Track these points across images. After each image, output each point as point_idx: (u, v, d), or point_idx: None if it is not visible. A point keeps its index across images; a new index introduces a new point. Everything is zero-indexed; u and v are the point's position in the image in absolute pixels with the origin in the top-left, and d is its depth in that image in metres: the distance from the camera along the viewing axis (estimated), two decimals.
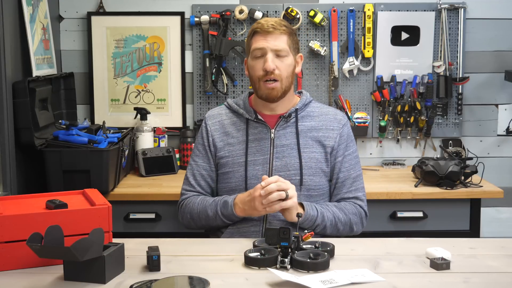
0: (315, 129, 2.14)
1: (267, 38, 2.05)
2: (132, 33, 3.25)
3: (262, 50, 2.05)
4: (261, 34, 2.06)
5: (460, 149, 3.26)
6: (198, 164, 2.19)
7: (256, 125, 2.14)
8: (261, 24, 2.07)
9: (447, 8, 3.21)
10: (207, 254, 1.83)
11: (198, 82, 3.28)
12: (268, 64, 2.03)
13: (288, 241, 1.68)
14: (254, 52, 2.07)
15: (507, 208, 3.36)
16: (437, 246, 1.79)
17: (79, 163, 2.64)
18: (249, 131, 2.14)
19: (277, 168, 2.10)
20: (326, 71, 3.27)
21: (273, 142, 2.11)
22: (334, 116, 2.18)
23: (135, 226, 2.80)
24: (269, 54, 2.04)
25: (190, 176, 2.20)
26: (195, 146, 2.24)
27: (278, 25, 2.06)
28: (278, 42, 2.05)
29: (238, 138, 2.15)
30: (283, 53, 2.06)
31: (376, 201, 2.74)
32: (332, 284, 1.56)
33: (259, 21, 2.11)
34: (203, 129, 2.21)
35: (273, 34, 2.05)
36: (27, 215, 1.69)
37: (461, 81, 3.22)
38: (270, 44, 2.04)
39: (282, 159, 2.10)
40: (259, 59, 2.07)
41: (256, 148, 2.12)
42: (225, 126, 2.18)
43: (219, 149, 2.16)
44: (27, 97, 2.55)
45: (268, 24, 2.06)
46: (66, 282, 1.59)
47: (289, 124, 2.13)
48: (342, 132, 2.16)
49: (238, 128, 2.16)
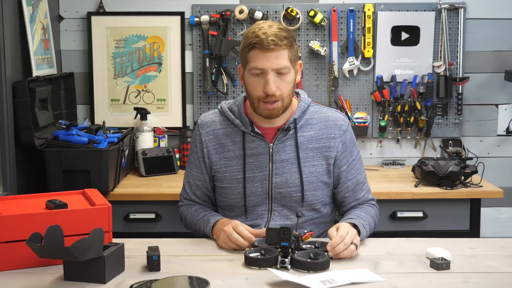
0: (316, 139, 2.02)
1: (267, 56, 1.87)
2: (132, 33, 3.25)
3: (263, 70, 1.88)
4: (260, 50, 1.87)
5: (460, 149, 3.26)
6: (192, 174, 2.10)
7: (253, 139, 2.01)
8: (260, 39, 1.86)
9: (447, 8, 3.21)
10: (207, 254, 1.83)
11: (198, 82, 3.28)
12: (270, 87, 1.87)
13: (288, 241, 1.68)
14: (253, 71, 1.90)
15: (507, 208, 3.36)
16: (437, 246, 1.79)
17: (79, 163, 2.63)
18: (246, 145, 2.01)
19: (277, 185, 2.01)
20: (326, 71, 3.27)
21: (272, 157, 2.00)
22: (335, 122, 2.04)
23: (135, 226, 2.80)
24: (270, 75, 1.88)
25: (186, 184, 2.14)
26: (190, 152, 2.13)
27: (278, 40, 1.86)
28: (280, 60, 1.88)
29: (234, 151, 2.03)
30: (285, 70, 1.89)
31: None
32: (332, 284, 1.56)
33: (256, 32, 1.89)
34: (197, 138, 2.08)
35: (274, 52, 1.87)
36: (27, 215, 1.69)
37: (461, 81, 3.22)
38: (272, 63, 1.87)
39: (282, 175, 2.00)
40: (258, 77, 1.90)
41: (254, 164, 2.01)
42: (219, 137, 2.05)
43: (215, 162, 2.05)
44: (27, 97, 2.55)
45: (268, 39, 1.85)
46: (66, 282, 1.59)
47: (288, 136, 2.01)
48: (344, 139, 2.04)
49: (234, 141, 2.03)
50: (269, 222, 2.04)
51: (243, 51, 1.94)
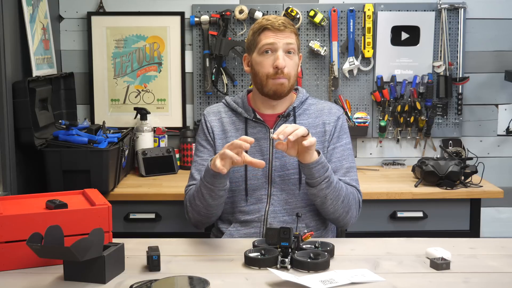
0: (313, 126, 2.13)
1: (277, 35, 2.04)
2: (132, 33, 3.25)
3: (273, 45, 2.04)
4: (271, 30, 2.05)
5: (460, 149, 3.26)
6: (203, 159, 2.15)
7: (255, 125, 2.14)
8: (271, 21, 2.05)
9: (447, 8, 3.21)
10: (207, 254, 1.83)
11: (198, 82, 3.28)
12: (280, 61, 2.02)
13: (288, 241, 1.68)
14: (264, 47, 2.05)
15: (507, 208, 3.36)
16: (437, 246, 1.79)
17: (79, 163, 2.64)
18: (248, 130, 2.13)
19: (276, 168, 2.10)
20: (326, 71, 3.27)
21: (273, 142, 2.11)
22: (329, 110, 2.17)
23: (135, 226, 2.80)
24: (280, 51, 2.04)
25: (194, 172, 2.14)
26: (197, 143, 2.21)
27: (287, 23, 2.06)
28: (289, 39, 2.05)
29: (237, 137, 2.08)
30: (293, 49, 2.06)
31: (376, 201, 2.74)
32: (332, 284, 1.56)
33: (266, 17, 2.09)
34: (203, 124, 2.19)
35: (284, 32, 2.05)
36: (27, 215, 1.69)
37: (461, 81, 3.22)
38: (282, 40, 2.04)
39: (281, 159, 2.10)
40: (267, 55, 2.05)
41: (256, 148, 2.12)
42: (224, 124, 2.17)
43: (217, 147, 2.15)
44: (27, 97, 2.55)
45: (278, 22, 2.05)
46: (66, 282, 1.59)
47: (287, 123, 2.12)
48: (336, 124, 2.15)
49: (237, 128, 2.15)
50: (269, 206, 2.08)
51: (252, 36, 2.10)
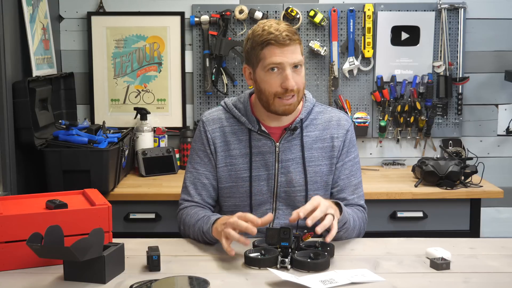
0: (320, 139, 2.04)
1: (284, 51, 1.88)
2: (132, 33, 3.25)
3: (281, 65, 1.89)
4: (276, 46, 1.88)
5: (460, 149, 3.26)
6: (199, 172, 2.05)
7: (260, 137, 2.01)
8: (274, 35, 1.87)
9: (447, 8, 3.21)
10: (207, 254, 1.83)
11: (198, 82, 3.28)
12: (290, 82, 1.88)
13: (288, 241, 1.68)
14: (270, 66, 1.89)
15: (507, 208, 3.36)
16: (437, 246, 1.79)
17: (79, 163, 2.63)
18: (252, 143, 2.01)
19: (282, 184, 2.01)
20: (326, 71, 3.27)
21: (278, 156, 2.01)
22: (338, 121, 2.06)
23: (135, 226, 2.80)
24: (288, 70, 1.89)
25: (189, 185, 2.06)
26: (193, 151, 2.08)
27: (292, 35, 1.89)
28: (296, 54, 1.90)
29: (240, 150, 2.02)
30: (300, 63, 1.92)
31: (376, 201, 2.74)
32: (332, 284, 1.56)
33: (267, 29, 1.90)
34: (203, 134, 2.06)
35: (290, 46, 1.88)
36: (27, 215, 1.69)
37: (461, 81, 3.22)
38: (289, 58, 1.88)
39: (287, 174, 2.01)
40: (274, 73, 1.90)
41: (261, 162, 2.01)
42: (226, 135, 2.04)
43: (219, 160, 2.03)
44: (27, 97, 2.55)
45: (282, 35, 1.87)
46: (66, 282, 1.59)
47: (294, 136, 2.02)
48: (345, 138, 2.05)
49: (240, 139, 2.03)
50: (273, 221, 2.03)
51: (254, 50, 1.93)
